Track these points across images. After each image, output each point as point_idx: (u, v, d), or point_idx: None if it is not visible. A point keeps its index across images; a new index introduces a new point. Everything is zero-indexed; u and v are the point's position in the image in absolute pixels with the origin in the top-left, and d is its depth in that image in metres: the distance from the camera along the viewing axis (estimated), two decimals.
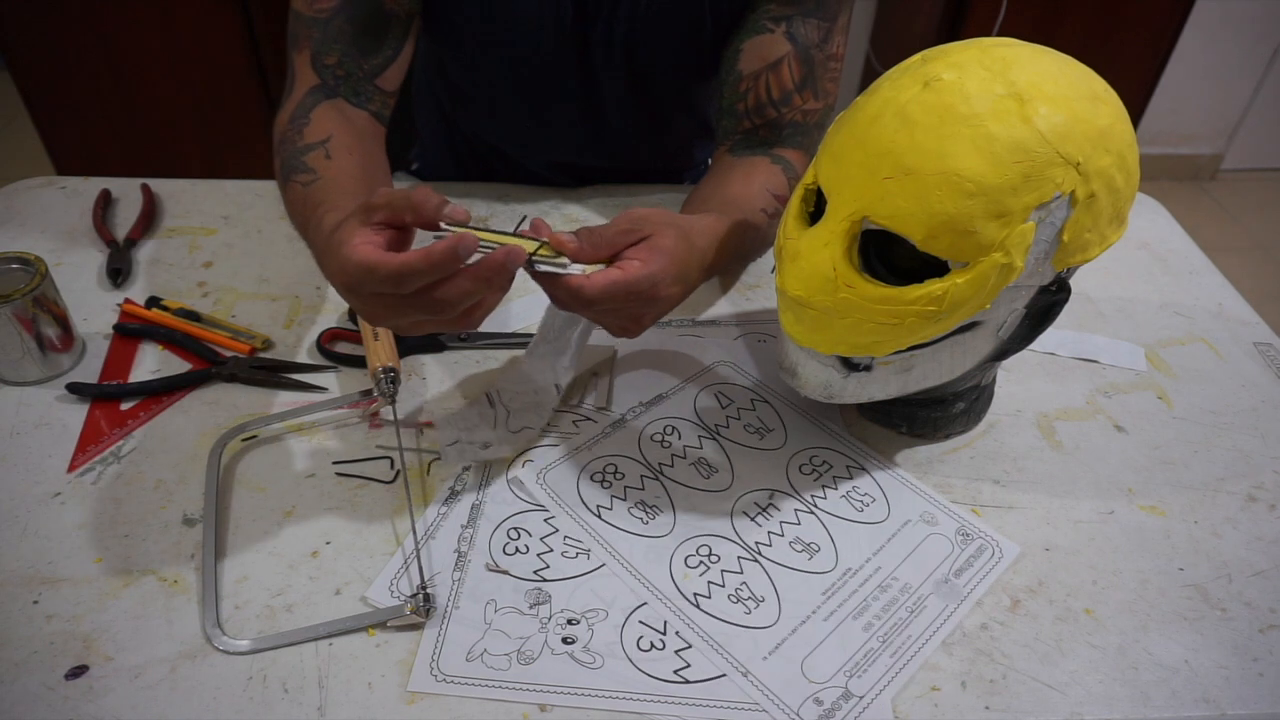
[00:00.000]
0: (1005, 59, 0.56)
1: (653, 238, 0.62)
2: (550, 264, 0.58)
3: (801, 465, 0.70)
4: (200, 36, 1.78)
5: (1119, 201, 0.58)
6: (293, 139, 0.73)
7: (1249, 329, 0.87)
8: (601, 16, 0.86)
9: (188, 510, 0.64)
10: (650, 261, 0.60)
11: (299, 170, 0.71)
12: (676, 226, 0.63)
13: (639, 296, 0.60)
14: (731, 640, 0.58)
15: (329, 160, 0.71)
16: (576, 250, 0.59)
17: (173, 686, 0.54)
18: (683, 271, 0.63)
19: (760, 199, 0.77)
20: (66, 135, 1.89)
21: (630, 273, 0.59)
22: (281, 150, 0.74)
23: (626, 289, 0.59)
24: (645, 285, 0.60)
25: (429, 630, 0.57)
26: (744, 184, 0.78)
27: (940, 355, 0.62)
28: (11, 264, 0.73)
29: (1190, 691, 0.57)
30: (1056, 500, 0.68)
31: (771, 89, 0.81)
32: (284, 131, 0.75)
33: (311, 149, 0.72)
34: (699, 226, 0.67)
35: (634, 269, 0.59)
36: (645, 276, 0.59)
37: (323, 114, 0.75)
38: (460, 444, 0.68)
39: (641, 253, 0.61)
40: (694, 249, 0.65)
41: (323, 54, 0.77)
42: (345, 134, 0.74)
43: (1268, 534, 0.67)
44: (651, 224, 0.62)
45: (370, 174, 0.73)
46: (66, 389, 0.72)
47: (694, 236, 0.65)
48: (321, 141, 0.72)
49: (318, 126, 0.74)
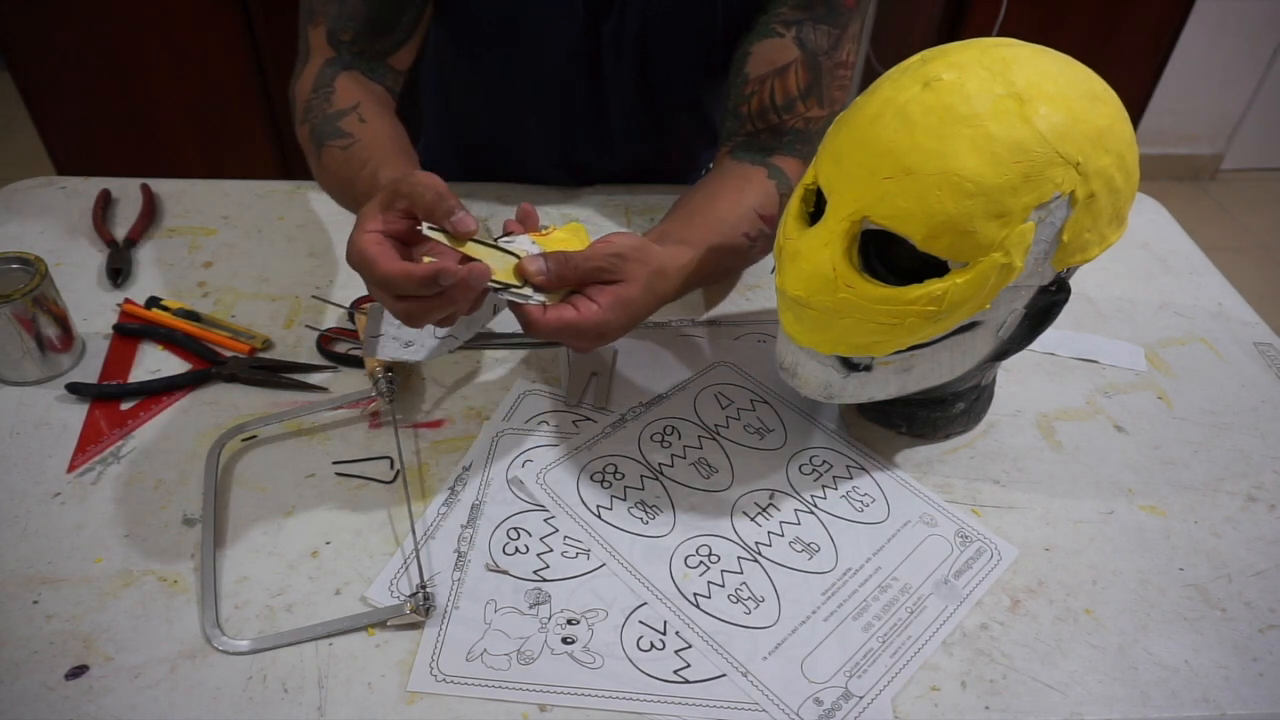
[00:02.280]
0: (1005, 59, 0.56)
1: (622, 285, 0.64)
2: (514, 294, 0.60)
3: (801, 465, 0.70)
4: (200, 36, 1.77)
5: (1119, 201, 0.58)
6: (320, 107, 0.76)
7: (1249, 329, 0.87)
8: (614, 11, 0.86)
9: (188, 510, 0.64)
10: (608, 310, 0.63)
11: (335, 135, 0.74)
12: (648, 274, 0.65)
13: (587, 336, 0.63)
14: (731, 640, 0.58)
15: (364, 124, 0.74)
16: (544, 284, 0.62)
17: (173, 686, 0.54)
18: (636, 317, 0.66)
19: (745, 223, 0.77)
20: (66, 135, 1.89)
21: (586, 316, 0.62)
22: (310, 118, 0.76)
23: (577, 330, 0.62)
24: (595, 330, 0.63)
25: (429, 630, 0.57)
26: (733, 204, 0.78)
27: (940, 355, 0.62)
28: (11, 264, 0.73)
29: (1190, 691, 0.57)
30: (1056, 500, 0.68)
31: (776, 94, 0.81)
32: (308, 99, 0.77)
33: (344, 114, 0.75)
34: (671, 269, 0.68)
35: (590, 313, 0.62)
36: (599, 323, 0.62)
37: (346, 83, 0.78)
38: (384, 337, 0.67)
39: (605, 298, 0.63)
40: (654, 296, 0.67)
41: (339, 30, 0.79)
42: (371, 101, 0.77)
43: (1268, 534, 0.67)
44: (626, 269, 0.64)
45: (400, 135, 0.76)
46: (66, 389, 0.72)
47: (660, 284, 0.67)
48: (353, 107, 0.75)
49: (344, 94, 0.77)
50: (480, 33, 0.90)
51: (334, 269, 0.86)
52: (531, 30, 0.88)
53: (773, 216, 0.79)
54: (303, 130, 0.78)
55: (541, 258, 0.61)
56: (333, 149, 0.74)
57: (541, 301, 0.61)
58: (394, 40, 0.82)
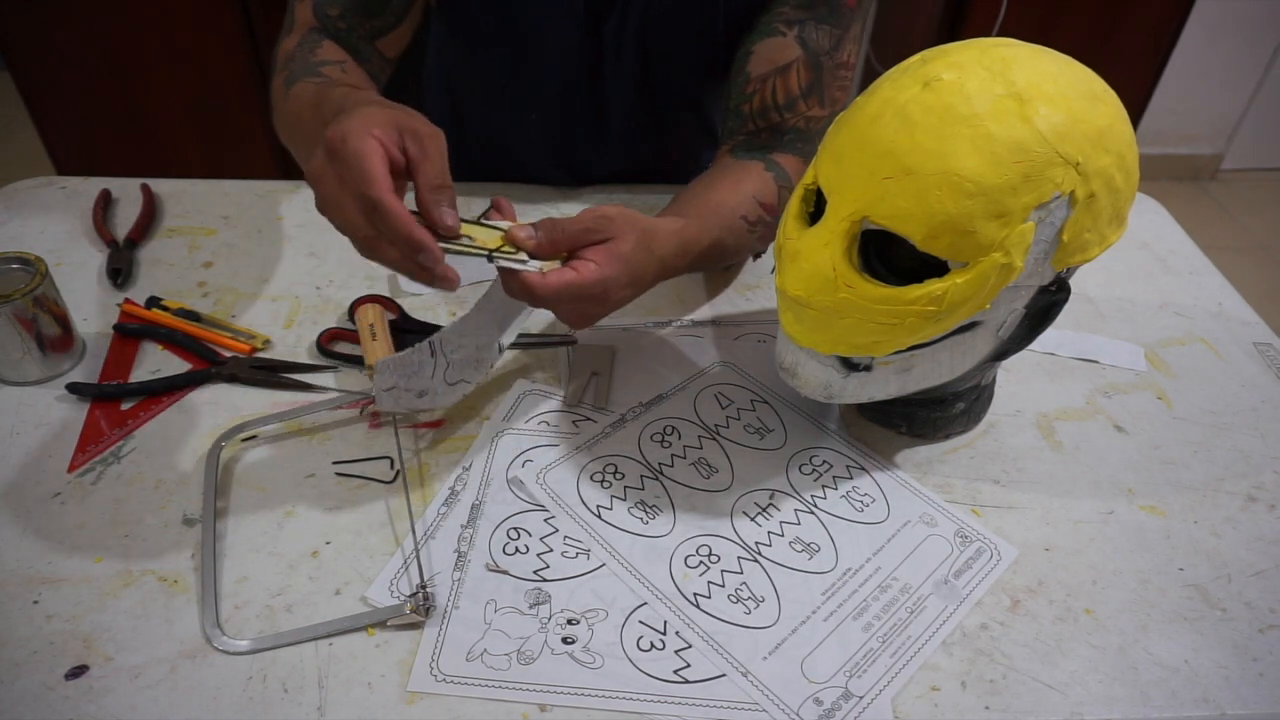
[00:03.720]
0: (1005, 59, 0.56)
1: (613, 241, 0.63)
2: (509, 260, 0.60)
3: (801, 465, 0.70)
4: (200, 36, 1.78)
5: (1119, 201, 0.58)
6: (304, 56, 0.74)
7: (1249, 329, 0.87)
8: (615, 11, 0.86)
9: (188, 510, 0.64)
10: (605, 265, 0.62)
11: (311, 74, 0.71)
12: (638, 231, 0.65)
13: (590, 298, 0.63)
14: (731, 640, 0.58)
15: (345, 74, 0.73)
16: (535, 247, 0.61)
17: (173, 686, 0.54)
18: (636, 276, 0.65)
19: (744, 206, 0.77)
20: (66, 135, 1.89)
21: (585, 275, 0.61)
22: (289, 65, 0.74)
23: (579, 291, 0.61)
24: (598, 289, 0.62)
25: (429, 630, 0.57)
26: (731, 189, 0.78)
27: (940, 355, 0.62)
28: (11, 264, 0.73)
29: (1190, 691, 0.57)
30: (1056, 500, 0.68)
31: (778, 93, 0.81)
32: (291, 51, 0.76)
33: (327, 64, 0.74)
34: (663, 232, 0.68)
35: (589, 272, 0.62)
36: (598, 280, 0.62)
37: (332, 47, 0.77)
38: (397, 390, 0.67)
39: (599, 255, 0.63)
40: (651, 255, 0.66)
41: (326, 4, 0.79)
42: (356, 68, 0.76)
43: (1268, 534, 0.67)
44: (614, 227, 0.64)
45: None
46: (66, 389, 0.72)
47: (654, 242, 0.67)
48: (338, 61, 0.74)
49: (330, 52, 0.76)
50: (479, 32, 0.90)
51: (334, 269, 0.86)
52: (531, 29, 0.88)
53: (772, 205, 0.79)
54: (278, 79, 0.75)
55: (530, 225, 0.62)
56: (307, 83, 0.71)
57: (539, 268, 0.61)
58: (381, 24, 0.81)
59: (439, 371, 0.68)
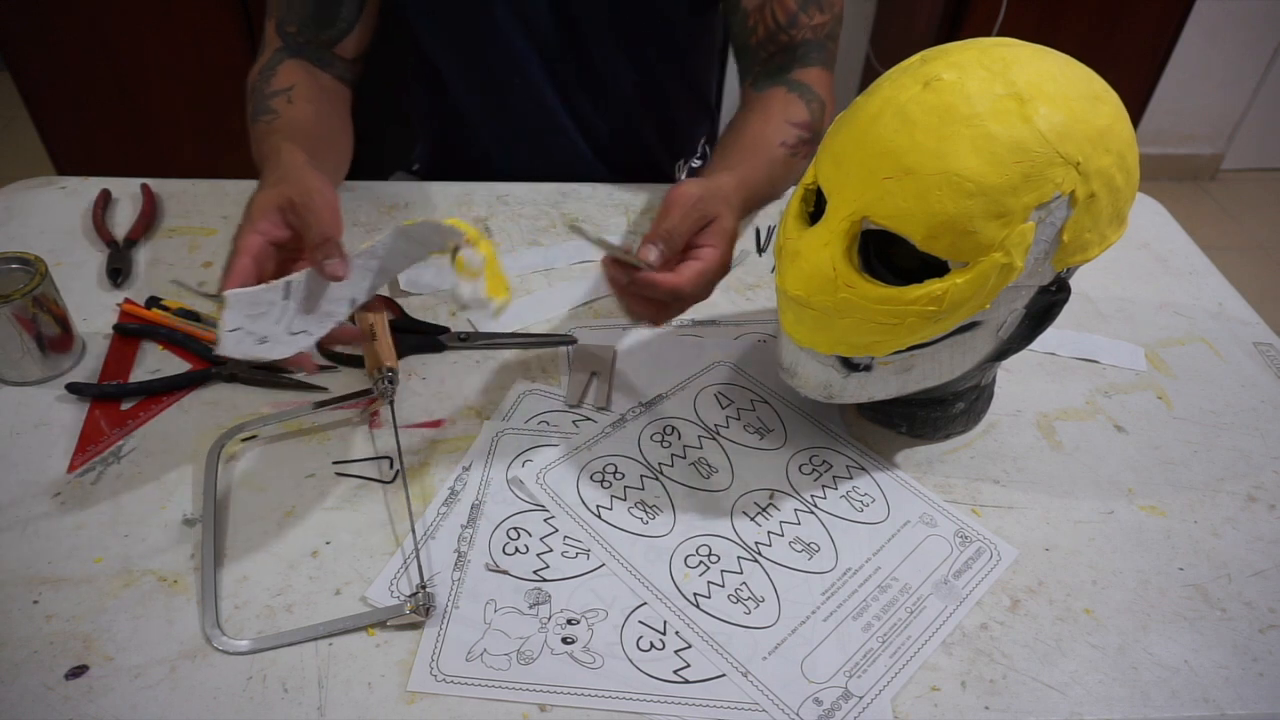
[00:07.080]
0: (1005, 59, 0.56)
1: (716, 221, 0.67)
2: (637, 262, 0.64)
3: (801, 465, 0.70)
4: (200, 36, 1.78)
5: (1119, 201, 0.58)
6: (261, 87, 0.82)
7: (1249, 329, 0.87)
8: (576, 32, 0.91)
9: (188, 510, 0.64)
10: (720, 245, 0.66)
11: (264, 112, 0.80)
12: (722, 200, 0.68)
13: (715, 279, 0.67)
14: (731, 640, 0.58)
15: (290, 105, 0.81)
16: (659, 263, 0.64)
17: (173, 686, 0.54)
18: (734, 240, 0.69)
19: (779, 133, 0.80)
20: (66, 135, 1.89)
21: (709, 261, 0.65)
22: (252, 98, 0.82)
23: (710, 277, 0.66)
24: (721, 270, 0.66)
25: (429, 630, 0.57)
26: (762, 123, 0.81)
27: (940, 355, 0.62)
28: (11, 264, 0.73)
29: (1190, 691, 0.57)
30: (1056, 500, 0.68)
31: (778, 14, 0.84)
32: (254, 82, 0.84)
33: (276, 94, 0.82)
34: (732, 188, 0.70)
35: (711, 257, 0.66)
36: (720, 260, 0.66)
37: (289, 68, 0.84)
38: (242, 332, 0.60)
39: (710, 238, 0.66)
40: (736, 215, 0.69)
41: (285, 23, 0.86)
42: (308, 86, 0.83)
43: (1268, 534, 0.67)
44: (712, 204, 0.67)
45: (325, 122, 0.83)
46: (66, 389, 0.72)
47: (734, 201, 0.70)
48: (285, 89, 0.81)
49: (283, 77, 0.83)
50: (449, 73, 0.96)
51: None
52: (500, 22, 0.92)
53: (806, 122, 0.82)
54: (247, 111, 0.83)
55: (651, 245, 0.64)
56: (259, 124, 0.79)
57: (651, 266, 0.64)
58: (335, 33, 0.87)
59: (285, 317, 0.63)
